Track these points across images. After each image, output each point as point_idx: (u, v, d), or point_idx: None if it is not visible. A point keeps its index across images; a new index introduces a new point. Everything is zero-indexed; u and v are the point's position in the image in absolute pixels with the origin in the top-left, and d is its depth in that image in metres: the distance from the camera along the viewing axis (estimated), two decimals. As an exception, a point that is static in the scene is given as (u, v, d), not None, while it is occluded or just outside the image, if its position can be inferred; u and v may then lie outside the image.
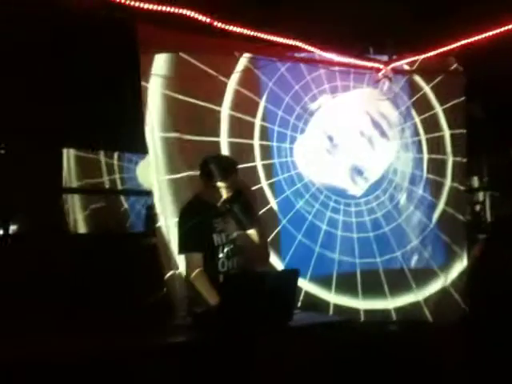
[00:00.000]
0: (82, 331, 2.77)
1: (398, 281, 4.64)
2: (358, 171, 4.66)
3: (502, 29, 4.05)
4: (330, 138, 4.62)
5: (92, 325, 2.89)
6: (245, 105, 4.19)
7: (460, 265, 4.88)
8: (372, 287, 4.49)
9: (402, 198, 4.78)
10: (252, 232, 3.29)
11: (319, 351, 2.87)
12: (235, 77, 4.15)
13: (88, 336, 2.66)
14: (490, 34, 4.13)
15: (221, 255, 3.19)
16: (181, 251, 3.21)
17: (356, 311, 4.33)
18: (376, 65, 4.70)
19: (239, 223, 3.25)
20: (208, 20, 3.67)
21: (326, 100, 4.62)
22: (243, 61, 4.20)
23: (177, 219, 3.38)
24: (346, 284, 4.39)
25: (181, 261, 3.70)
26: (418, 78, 4.97)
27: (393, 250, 4.68)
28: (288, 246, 4.22)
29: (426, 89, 4.98)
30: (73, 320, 3.27)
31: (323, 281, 4.29)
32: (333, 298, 4.31)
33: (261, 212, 3.93)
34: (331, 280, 4.34)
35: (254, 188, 4.04)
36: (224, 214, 3.21)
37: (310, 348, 2.84)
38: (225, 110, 4.11)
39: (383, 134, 4.81)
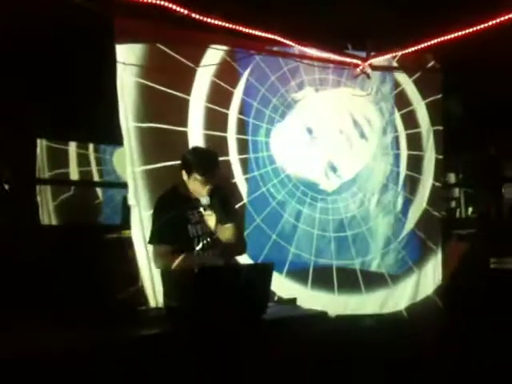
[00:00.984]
0: (53, 324, 2.74)
1: (371, 277, 4.67)
2: (332, 167, 4.67)
3: (479, 26, 4.08)
4: (309, 131, 4.63)
5: (65, 317, 2.85)
6: (221, 97, 4.18)
7: (434, 260, 4.93)
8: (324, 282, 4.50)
9: (374, 200, 4.78)
10: (228, 226, 3.23)
11: (293, 345, 2.87)
12: (212, 69, 4.13)
13: (60, 328, 2.63)
14: (467, 31, 4.16)
15: (196, 247, 3.17)
16: (150, 241, 3.20)
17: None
18: (354, 60, 4.71)
19: (217, 216, 3.19)
20: (185, 12, 3.64)
21: (310, 93, 4.64)
22: (221, 53, 4.19)
23: (151, 211, 3.35)
24: (298, 277, 4.38)
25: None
26: (397, 75, 5.00)
27: (367, 251, 4.70)
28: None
29: (404, 85, 5.01)
30: (44, 313, 3.21)
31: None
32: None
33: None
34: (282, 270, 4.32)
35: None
36: (200, 206, 3.17)
37: (283, 341, 2.85)
38: (201, 102, 4.09)
39: (362, 135, 4.83)
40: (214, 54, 4.17)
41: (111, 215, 5.27)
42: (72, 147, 5.32)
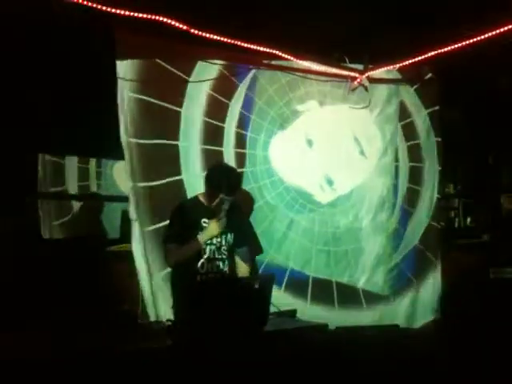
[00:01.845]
0: (55, 335, 2.76)
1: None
2: (328, 180, 4.69)
3: (476, 38, 4.12)
4: (310, 143, 4.67)
5: (66, 329, 2.87)
6: (218, 110, 4.21)
7: (434, 272, 4.94)
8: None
9: (368, 217, 4.76)
10: (244, 250, 3.43)
11: (294, 355, 2.88)
12: (209, 83, 4.17)
13: (62, 340, 2.66)
14: (464, 43, 4.19)
15: (203, 255, 3.26)
16: (165, 241, 3.34)
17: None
18: (352, 74, 4.75)
19: (234, 238, 3.36)
20: (184, 27, 3.68)
21: (314, 106, 4.69)
22: (219, 67, 4.23)
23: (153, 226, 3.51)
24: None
25: (156, 267, 3.75)
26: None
27: (355, 268, 4.67)
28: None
29: (403, 97, 5.05)
30: (45, 324, 3.23)
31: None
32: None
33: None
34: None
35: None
36: (215, 215, 3.26)
37: (284, 352, 2.86)
38: (200, 116, 4.13)
39: (362, 152, 4.85)
40: (211, 68, 4.20)
41: (111, 229, 5.28)
42: (72, 161, 5.34)
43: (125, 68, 3.80)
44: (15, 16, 3.51)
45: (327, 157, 4.72)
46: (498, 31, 3.98)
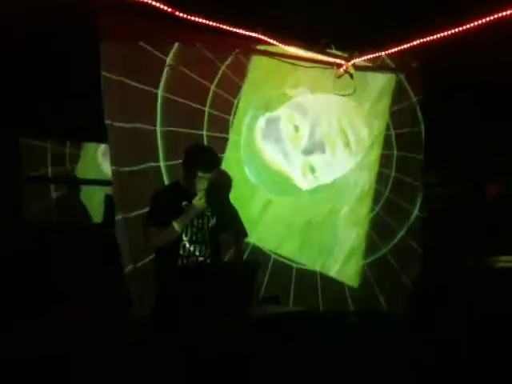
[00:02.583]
0: (39, 324, 2.73)
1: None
2: (311, 167, 4.70)
3: (461, 28, 4.13)
4: (296, 128, 4.67)
5: (50, 317, 2.84)
6: (200, 94, 4.17)
7: (416, 260, 4.98)
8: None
9: (345, 210, 4.78)
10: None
11: (278, 342, 2.89)
12: (191, 66, 4.12)
13: (46, 329, 2.63)
14: (449, 32, 4.20)
15: (184, 237, 3.23)
16: (145, 225, 3.28)
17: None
18: (337, 60, 4.75)
19: (217, 221, 3.34)
20: (170, 10, 3.64)
21: (304, 92, 4.70)
22: (207, 53, 4.17)
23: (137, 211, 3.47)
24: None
25: (140, 253, 3.72)
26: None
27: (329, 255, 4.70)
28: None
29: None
30: (27, 312, 3.20)
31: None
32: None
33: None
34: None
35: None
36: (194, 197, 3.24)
37: (269, 339, 2.87)
38: (180, 100, 4.08)
39: (348, 144, 4.86)
40: (197, 51, 4.15)
41: (95, 214, 5.24)
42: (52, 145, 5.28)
43: (107, 50, 3.72)
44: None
45: (312, 144, 4.72)
46: (483, 21, 3.99)
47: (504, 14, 3.83)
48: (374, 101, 4.96)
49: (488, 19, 3.93)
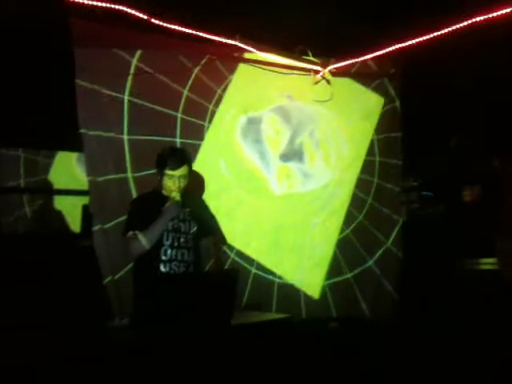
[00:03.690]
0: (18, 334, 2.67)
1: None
2: (286, 174, 4.68)
3: (438, 33, 4.16)
4: (277, 132, 4.66)
5: (28, 328, 2.78)
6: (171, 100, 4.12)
7: (395, 261, 4.98)
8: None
9: (316, 221, 4.72)
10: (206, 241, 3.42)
11: (260, 350, 2.87)
12: (174, 75, 4.09)
13: (25, 339, 2.57)
14: (427, 37, 4.23)
15: (165, 242, 3.20)
16: (124, 231, 3.21)
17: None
18: (315, 67, 4.76)
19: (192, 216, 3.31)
20: (145, 17, 3.61)
21: (290, 98, 4.71)
22: (180, 58, 4.15)
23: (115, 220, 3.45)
24: None
25: (119, 263, 3.66)
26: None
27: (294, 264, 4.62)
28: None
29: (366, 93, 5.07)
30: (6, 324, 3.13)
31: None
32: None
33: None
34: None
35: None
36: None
37: (250, 347, 2.84)
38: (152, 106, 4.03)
39: (327, 158, 4.84)
40: (175, 59, 4.11)
41: (72, 223, 5.16)
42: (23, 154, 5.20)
43: (81, 57, 3.67)
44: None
45: (291, 151, 4.70)
46: (459, 26, 4.03)
47: (480, 18, 3.87)
48: (359, 120, 4.96)
49: (465, 23, 3.97)
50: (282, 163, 4.67)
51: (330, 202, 4.81)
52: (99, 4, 3.51)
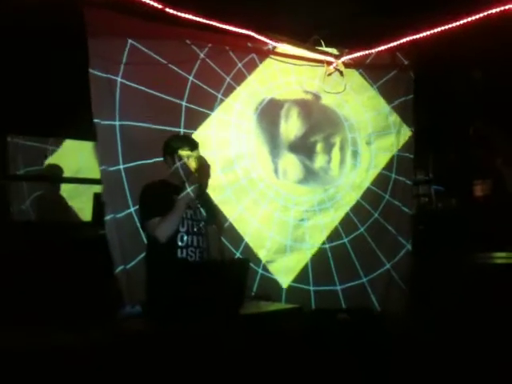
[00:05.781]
0: (26, 325, 2.69)
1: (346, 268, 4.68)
2: (289, 163, 4.68)
3: (451, 25, 4.12)
4: (294, 122, 4.69)
5: (36, 318, 2.80)
6: (194, 93, 4.14)
7: (405, 255, 4.97)
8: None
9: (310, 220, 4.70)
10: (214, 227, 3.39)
11: (268, 340, 2.88)
12: (188, 65, 4.10)
13: (34, 329, 2.59)
14: (439, 30, 4.19)
15: (181, 229, 3.18)
16: (147, 217, 3.16)
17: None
18: (328, 58, 4.73)
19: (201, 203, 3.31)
20: (160, 6, 3.60)
21: (314, 96, 4.76)
22: (195, 49, 4.16)
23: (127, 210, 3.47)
24: None
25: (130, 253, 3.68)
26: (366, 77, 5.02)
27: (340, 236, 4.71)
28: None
29: (375, 86, 5.04)
30: (15, 313, 3.16)
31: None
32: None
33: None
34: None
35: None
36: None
37: (259, 336, 2.85)
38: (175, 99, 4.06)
39: (336, 165, 4.85)
40: (190, 50, 4.13)
41: (84, 212, 5.17)
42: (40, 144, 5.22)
43: (95, 47, 3.67)
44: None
45: (301, 145, 4.71)
46: (473, 18, 3.99)
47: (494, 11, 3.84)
48: (379, 137, 5.01)
49: (479, 16, 3.93)
50: (289, 153, 4.67)
51: (324, 206, 4.78)
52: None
